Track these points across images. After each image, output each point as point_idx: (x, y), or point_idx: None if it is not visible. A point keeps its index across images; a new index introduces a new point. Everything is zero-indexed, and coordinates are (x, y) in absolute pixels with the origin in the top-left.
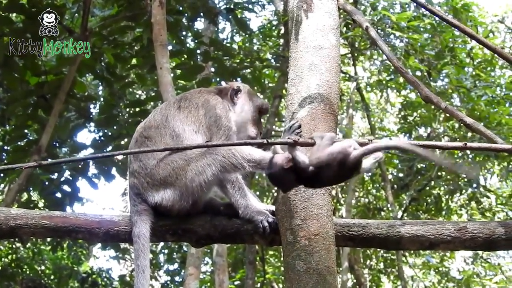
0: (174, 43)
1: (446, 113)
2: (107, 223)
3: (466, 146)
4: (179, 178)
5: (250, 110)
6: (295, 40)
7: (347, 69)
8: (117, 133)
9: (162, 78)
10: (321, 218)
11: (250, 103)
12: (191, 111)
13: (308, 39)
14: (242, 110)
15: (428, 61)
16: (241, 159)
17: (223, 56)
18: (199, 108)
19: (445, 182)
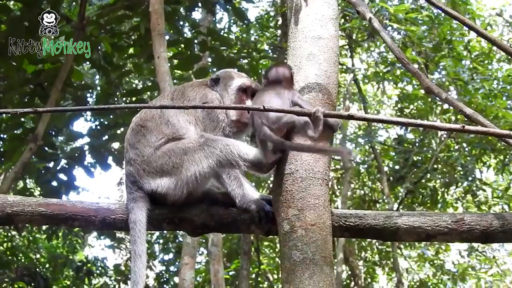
0: (171, 33)
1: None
2: (103, 211)
3: (464, 128)
4: (175, 167)
5: (229, 94)
6: (294, 30)
7: (344, 60)
8: (113, 122)
9: (159, 68)
10: (318, 208)
11: (228, 88)
12: (184, 103)
13: (307, 29)
14: (223, 96)
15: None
16: (237, 156)
17: (220, 46)
18: (192, 102)
19: (441, 174)
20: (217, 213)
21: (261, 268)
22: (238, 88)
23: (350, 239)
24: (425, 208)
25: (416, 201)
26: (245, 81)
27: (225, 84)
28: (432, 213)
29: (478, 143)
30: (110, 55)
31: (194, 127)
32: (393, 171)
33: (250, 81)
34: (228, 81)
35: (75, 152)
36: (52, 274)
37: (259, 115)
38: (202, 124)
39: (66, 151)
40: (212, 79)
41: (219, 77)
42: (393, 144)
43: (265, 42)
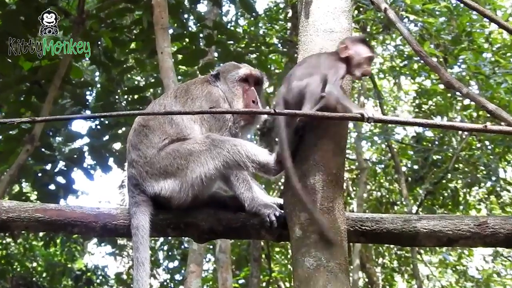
0: (175, 27)
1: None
2: (104, 217)
3: (486, 128)
4: (180, 169)
5: (231, 87)
6: (304, 23)
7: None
8: (115, 121)
9: (162, 63)
10: (332, 212)
11: (228, 81)
12: (187, 101)
13: (318, 22)
14: (225, 91)
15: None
16: (245, 158)
17: (227, 40)
18: (195, 100)
19: (462, 174)
20: (225, 218)
21: (272, 276)
22: (238, 79)
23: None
24: (446, 210)
25: (436, 203)
26: (245, 70)
27: (225, 78)
28: (454, 216)
29: (502, 140)
30: (111, 50)
31: (199, 127)
32: (411, 171)
33: (250, 69)
34: (228, 74)
35: (74, 154)
36: (49, 283)
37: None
38: (207, 124)
39: (65, 153)
40: (213, 75)
41: (218, 72)
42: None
43: (275, 35)
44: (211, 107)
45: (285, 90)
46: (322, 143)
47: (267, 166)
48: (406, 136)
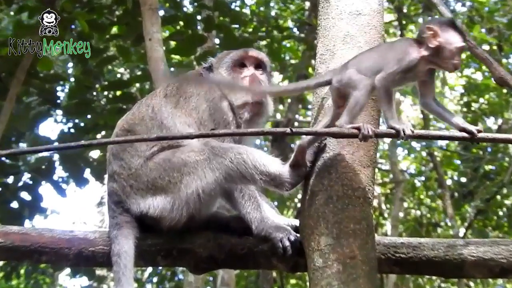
0: (167, 7)
1: None
2: (79, 242)
3: None
4: (172, 182)
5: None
6: (325, 4)
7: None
8: (92, 123)
9: (151, 52)
10: (359, 236)
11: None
12: (180, 101)
13: (342, 3)
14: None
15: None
16: (252, 168)
17: (231, 23)
18: (189, 98)
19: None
20: (228, 243)
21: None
22: (232, 64)
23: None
24: (501, 233)
25: (489, 224)
26: (238, 52)
27: (218, 68)
28: (509, 241)
29: None
30: (88, 36)
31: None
32: (458, 185)
33: (244, 50)
34: (220, 63)
35: (42, 164)
36: None
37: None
38: (204, 128)
39: (30, 162)
40: (205, 68)
41: (212, 63)
42: (458, 150)
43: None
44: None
45: (338, 77)
46: (347, 151)
47: (280, 178)
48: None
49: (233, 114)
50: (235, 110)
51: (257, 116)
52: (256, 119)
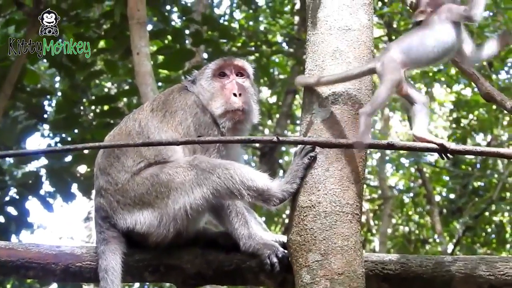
0: (155, 21)
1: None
2: (66, 257)
3: None
4: (159, 198)
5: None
6: (314, 19)
7: None
8: (79, 138)
9: (139, 67)
10: (347, 252)
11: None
12: (166, 116)
13: (331, 18)
14: (201, 94)
15: None
16: (240, 184)
17: (219, 38)
18: (175, 113)
19: (510, 205)
20: (216, 259)
21: None
22: (212, 74)
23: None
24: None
25: (477, 240)
26: (217, 61)
27: (200, 80)
28: (497, 258)
29: None
30: None
31: (181, 148)
32: (447, 202)
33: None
34: (202, 74)
35: (29, 178)
36: None
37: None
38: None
39: (17, 177)
40: (190, 81)
41: (195, 76)
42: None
43: (278, 32)
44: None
45: (378, 64)
46: (335, 167)
47: (267, 193)
48: None
49: (216, 125)
50: (217, 121)
51: (239, 124)
52: (239, 127)
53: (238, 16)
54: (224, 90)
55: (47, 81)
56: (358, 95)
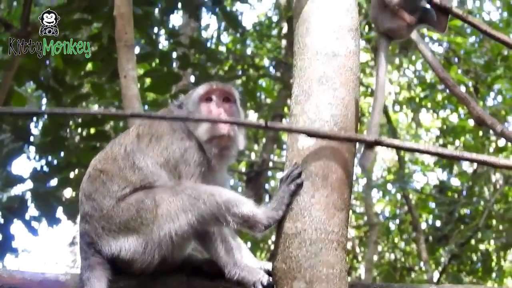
0: (143, 44)
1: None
2: (51, 284)
3: None
4: (145, 224)
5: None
6: (301, 44)
7: (369, 81)
8: (65, 161)
9: (126, 90)
10: (332, 281)
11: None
12: (152, 140)
13: (318, 43)
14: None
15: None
16: (225, 210)
17: (206, 61)
18: (161, 138)
19: (496, 233)
20: (201, 286)
21: None
22: (199, 100)
23: None
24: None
25: (463, 268)
26: (203, 87)
27: (186, 105)
28: (483, 287)
29: None
30: (62, 72)
31: (167, 172)
32: (433, 229)
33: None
34: (188, 99)
35: (14, 202)
36: None
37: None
38: (175, 169)
39: (2, 201)
40: (176, 106)
41: (182, 101)
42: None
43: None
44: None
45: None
46: (321, 194)
47: (253, 220)
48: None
49: (202, 151)
50: (204, 147)
51: (226, 150)
52: (225, 153)
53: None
54: (211, 115)
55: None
56: (344, 120)
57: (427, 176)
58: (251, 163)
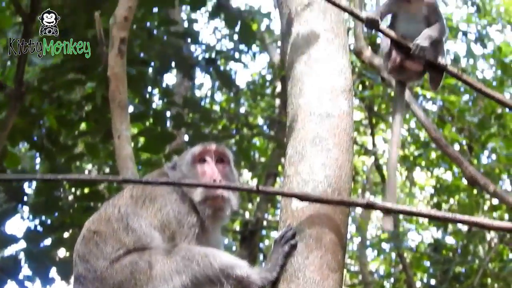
0: (136, 103)
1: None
2: None
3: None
4: (139, 285)
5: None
6: (294, 105)
7: (363, 139)
8: (59, 221)
9: (120, 150)
10: None
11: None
12: (145, 202)
13: (311, 104)
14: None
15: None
16: (219, 271)
17: (200, 120)
18: (155, 200)
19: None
20: None
21: None
22: (193, 161)
23: None
24: None
25: None
26: (198, 147)
27: (180, 166)
28: None
29: None
30: (56, 132)
31: (161, 234)
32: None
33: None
34: (182, 160)
35: (8, 262)
36: None
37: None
38: (169, 231)
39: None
40: (170, 167)
41: (176, 162)
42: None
43: (259, 115)
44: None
45: None
46: (315, 255)
47: (247, 281)
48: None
49: (196, 212)
50: (197, 208)
51: (220, 211)
52: (219, 214)
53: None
54: (204, 176)
55: (27, 163)
56: (338, 181)
57: (422, 234)
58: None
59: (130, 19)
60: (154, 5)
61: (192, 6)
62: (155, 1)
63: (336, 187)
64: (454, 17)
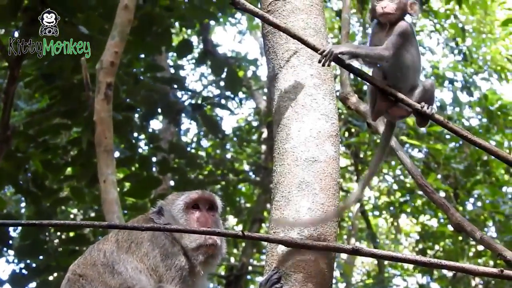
0: (122, 148)
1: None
2: None
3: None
4: None
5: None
6: (281, 150)
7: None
8: (44, 265)
9: (106, 195)
10: None
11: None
12: (131, 246)
13: (298, 149)
14: (176, 225)
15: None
16: None
17: (186, 166)
18: (140, 245)
19: None
20: None
21: None
22: (185, 207)
23: None
24: None
25: None
26: (191, 195)
27: (170, 211)
28: None
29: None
30: (42, 176)
31: (147, 277)
32: None
33: (196, 192)
34: (172, 206)
35: None
36: None
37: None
38: (156, 274)
39: None
40: (155, 212)
41: (161, 207)
42: None
43: (245, 160)
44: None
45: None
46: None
47: None
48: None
49: (186, 258)
50: (189, 254)
51: (211, 258)
52: (210, 261)
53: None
54: (198, 224)
55: (12, 207)
56: (323, 226)
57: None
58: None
59: (117, 65)
60: (141, 51)
61: (179, 53)
62: (141, 47)
63: (322, 232)
64: (441, 65)
